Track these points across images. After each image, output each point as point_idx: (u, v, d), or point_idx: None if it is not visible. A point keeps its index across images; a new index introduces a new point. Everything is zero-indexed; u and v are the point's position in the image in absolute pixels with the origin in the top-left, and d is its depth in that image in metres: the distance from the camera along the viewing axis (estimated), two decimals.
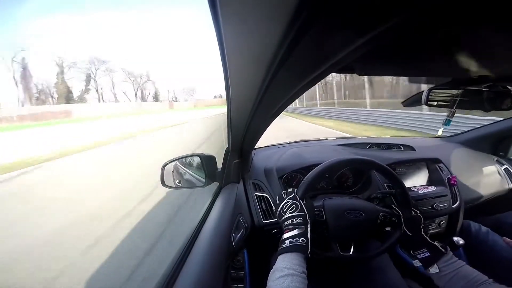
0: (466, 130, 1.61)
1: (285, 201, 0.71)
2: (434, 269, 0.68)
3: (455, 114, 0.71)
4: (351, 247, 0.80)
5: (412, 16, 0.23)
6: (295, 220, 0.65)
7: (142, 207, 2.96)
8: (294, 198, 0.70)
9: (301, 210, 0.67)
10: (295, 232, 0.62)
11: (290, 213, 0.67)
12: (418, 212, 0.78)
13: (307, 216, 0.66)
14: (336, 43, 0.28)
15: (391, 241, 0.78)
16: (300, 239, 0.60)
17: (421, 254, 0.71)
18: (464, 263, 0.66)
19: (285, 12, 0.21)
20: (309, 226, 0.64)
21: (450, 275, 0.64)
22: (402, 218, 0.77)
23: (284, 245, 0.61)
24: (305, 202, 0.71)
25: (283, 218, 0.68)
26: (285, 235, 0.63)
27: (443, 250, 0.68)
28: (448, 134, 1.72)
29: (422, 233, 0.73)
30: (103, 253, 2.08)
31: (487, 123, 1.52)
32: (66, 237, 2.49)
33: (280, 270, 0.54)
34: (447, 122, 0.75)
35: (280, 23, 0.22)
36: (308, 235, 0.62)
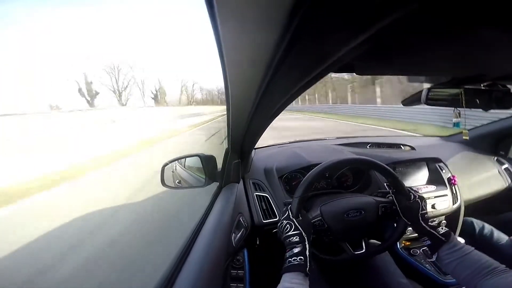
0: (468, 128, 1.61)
1: (280, 221, 0.73)
2: (434, 257, 0.67)
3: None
4: (362, 244, 0.80)
5: (411, 15, 0.23)
6: (292, 239, 0.66)
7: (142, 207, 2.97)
8: (287, 218, 0.71)
9: (296, 228, 0.68)
10: (293, 251, 0.64)
11: (286, 233, 0.69)
12: (417, 197, 0.76)
13: (303, 234, 0.67)
14: (334, 42, 0.28)
15: (399, 230, 0.79)
16: (298, 258, 0.62)
17: (425, 242, 0.69)
18: (473, 248, 0.63)
19: (282, 11, 0.21)
20: (307, 243, 0.65)
21: (454, 263, 0.62)
22: (398, 207, 0.77)
23: (285, 265, 0.63)
24: (300, 218, 0.71)
25: (282, 238, 0.70)
26: (286, 254, 0.65)
27: (443, 238, 0.67)
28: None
29: (421, 221, 0.72)
30: (103, 252, 2.09)
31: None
32: (64, 236, 2.50)
33: None
34: (456, 124, 0.76)
35: (278, 23, 0.22)
36: (307, 252, 0.63)
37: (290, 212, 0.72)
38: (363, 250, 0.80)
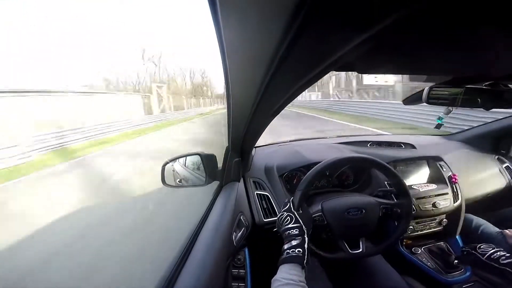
0: (467, 128, 1.61)
1: (281, 213, 0.73)
2: None
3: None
4: (359, 244, 0.80)
5: (411, 14, 0.22)
6: (292, 231, 0.67)
7: (143, 206, 2.97)
8: (288, 210, 0.72)
9: (296, 221, 0.68)
10: (292, 243, 0.64)
11: (285, 225, 0.69)
12: (472, 251, 0.80)
13: (303, 227, 0.67)
14: (335, 41, 0.28)
15: (399, 232, 0.79)
16: (297, 250, 0.62)
17: None
18: None
19: (284, 10, 0.21)
20: (306, 236, 0.66)
21: None
22: (405, 210, 0.77)
23: (282, 256, 0.63)
24: (301, 211, 0.72)
25: (281, 230, 0.70)
26: (284, 246, 0.65)
27: None
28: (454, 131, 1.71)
29: (493, 264, 0.74)
30: (104, 252, 2.09)
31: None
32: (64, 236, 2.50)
33: (278, 280, 0.57)
34: (440, 119, 0.75)
35: (279, 22, 0.22)
36: (306, 245, 0.64)
37: (291, 205, 0.73)
38: (360, 250, 0.80)
